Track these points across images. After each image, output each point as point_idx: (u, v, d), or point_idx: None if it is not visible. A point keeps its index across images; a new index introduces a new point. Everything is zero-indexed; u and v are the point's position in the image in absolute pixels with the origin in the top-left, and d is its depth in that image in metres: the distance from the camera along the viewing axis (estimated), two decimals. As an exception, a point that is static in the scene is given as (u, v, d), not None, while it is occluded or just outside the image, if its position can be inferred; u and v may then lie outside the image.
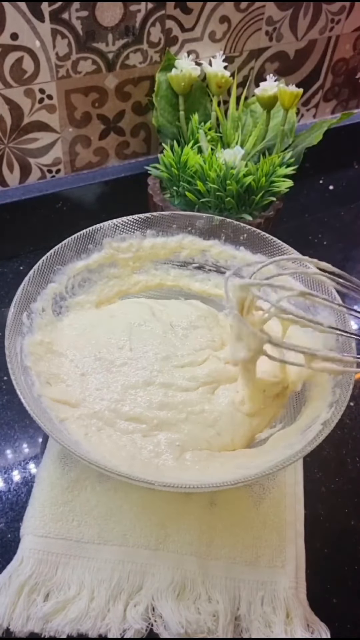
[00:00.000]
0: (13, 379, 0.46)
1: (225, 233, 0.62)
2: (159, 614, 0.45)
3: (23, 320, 0.53)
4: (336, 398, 0.48)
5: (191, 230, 0.63)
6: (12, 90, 0.64)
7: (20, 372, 0.48)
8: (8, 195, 0.71)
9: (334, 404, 0.47)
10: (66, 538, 0.48)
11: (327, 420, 0.46)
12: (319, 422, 0.47)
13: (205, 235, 0.63)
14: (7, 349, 0.48)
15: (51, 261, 0.57)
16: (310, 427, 0.47)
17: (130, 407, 0.52)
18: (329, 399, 0.49)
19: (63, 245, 0.58)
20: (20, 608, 0.44)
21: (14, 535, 0.50)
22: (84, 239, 0.60)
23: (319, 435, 0.45)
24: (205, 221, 0.62)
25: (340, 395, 0.48)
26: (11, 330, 0.51)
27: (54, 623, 0.44)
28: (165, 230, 0.63)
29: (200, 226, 0.62)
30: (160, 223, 0.62)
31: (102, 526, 0.49)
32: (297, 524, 0.50)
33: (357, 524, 0.52)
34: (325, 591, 0.48)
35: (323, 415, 0.47)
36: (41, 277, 0.56)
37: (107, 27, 0.64)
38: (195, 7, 0.68)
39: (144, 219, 0.62)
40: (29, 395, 0.46)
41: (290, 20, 0.75)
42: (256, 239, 0.60)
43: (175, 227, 0.63)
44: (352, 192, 0.91)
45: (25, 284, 0.54)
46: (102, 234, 0.60)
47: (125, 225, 0.61)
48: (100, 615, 0.44)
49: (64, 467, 0.52)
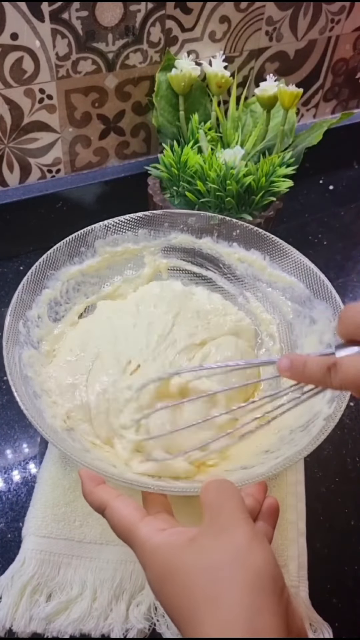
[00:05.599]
0: (14, 390, 0.45)
1: (218, 230, 0.61)
2: (161, 614, 0.45)
3: (19, 329, 0.51)
4: (337, 393, 0.48)
5: (184, 228, 0.62)
6: (12, 90, 0.64)
7: (20, 382, 0.46)
8: (8, 195, 0.71)
9: (335, 399, 0.47)
10: (68, 538, 0.48)
11: (329, 415, 0.46)
12: (321, 418, 0.46)
13: (198, 233, 0.62)
14: (5, 359, 0.47)
15: (44, 266, 0.56)
16: (314, 423, 0.47)
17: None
18: (328, 395, 0.48)
19: (55, 249, 0.57)
20: (23, 608, 0.44)
21: (14, 535, 0.50)
22: (76, 241, 0.58)
23: (323, 431, 0.45)
24: (198, 219, 0.61)
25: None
26: (8, 341, 0.49)
27: (56, 623, 0.44)
28: (157, 229, 0.62)
29: (193, 224, 0.62)
30: (152, 222, 0.62)
31: (104, 526, 0.48)
32: (299, 523, 0.50)
33: (357, 524, 0.53)
34: (325, 591, 0.48)
35: (324, 411, 0.47)
36: (35, 283, 0.55)
37: (107, 27, 0.64)
38: (195, 7, 0.68)
39: (135, 218, 0.61)
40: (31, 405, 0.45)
41: (290, 20, 0.75)
42: (250, 234, 0.60)
43: (168, 225, 0.62)
44: (352, 192, 0.91)
45: (19, 292, 0.53)
46: (93, 236, 0.59)
47: (116, 226, 0.61)
48: (103, 615, 0.44)
49: (65, 468, 0.52)
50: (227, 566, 0.30)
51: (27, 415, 0.43)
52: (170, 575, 0.31)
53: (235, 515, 0.33)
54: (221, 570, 0.30)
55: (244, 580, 0.30)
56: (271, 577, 0.30)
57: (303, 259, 0.57)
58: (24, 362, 0.49)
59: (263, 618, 0.29)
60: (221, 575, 0.30)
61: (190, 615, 0.30)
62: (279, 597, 0.30)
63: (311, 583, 0.47)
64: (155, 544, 0.33)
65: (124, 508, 0.36)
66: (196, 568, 0.31)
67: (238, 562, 0.31)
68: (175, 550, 0.32)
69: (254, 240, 0.60)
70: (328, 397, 0.48)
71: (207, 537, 0.32)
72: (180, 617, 0.30)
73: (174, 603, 0.31)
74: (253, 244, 0.60)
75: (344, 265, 0.79)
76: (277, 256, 0.59)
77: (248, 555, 0.31)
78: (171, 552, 0.32)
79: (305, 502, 0.52)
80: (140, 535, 0.34)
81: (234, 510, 0.33)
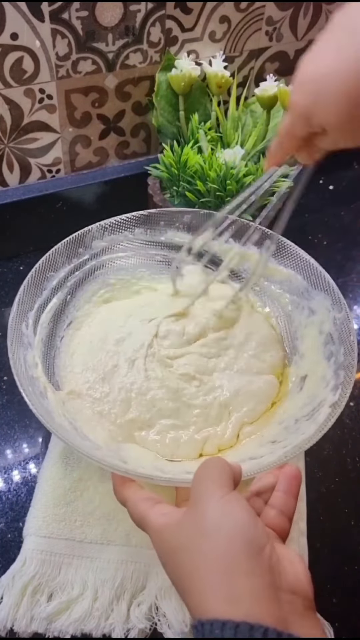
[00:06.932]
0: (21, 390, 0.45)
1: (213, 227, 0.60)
2: (162, 613, 0.45)
3: (23, 330, 0.51)
4: (341, 380, 0.48)
5: (179, 226, 0.62)
6: (12, 90, 0.63)
7: (27, 382, 0.47)
8: (8, 195, 0.71)
9: (340, 386, 0.47)
10: (69, 538, 0.48)
11: (335, 402, 0.46)
12: (326, 406, 0.47)
13: (192, 230, 0.62)
14: (11, 361, 0.47)
15: (44, 268, 0.56)
16: (318, 412, 0.47)
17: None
18: (331, 383, 0.49)
19: (54, 251, 0.57)
20: (24, 608, 0.44)
21: (14, 535, 0.50)
22: (73, 243, 0.58)
23: (330, 417, 0.45)
24: (193, 216, 0.61)
25: (345, 377, 0.48)
26: (13, 342, 0.49)
27: (57, 623, 0.44)
28: (153, 227, 0.62)
29: (188, 221, 0.61)
30: (148, 221, 0.61)
31: (105, 526, 0.49)
32: (299, 522, 0.50)
33: (357, 524, 0.53)
34: (325, 591, 0.48)
35: (329, 398, 0.47)
36: (35, 286, 0.55)
37: (107, 27, 0.64)
38: (195, 7, 0.68)
39: (132, 218, 0.61)
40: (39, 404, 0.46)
41: (290, 20, 0.75)
42: (244, 230, 0.59)
43: (163, 224, 0.62)
44: (352, 192, 0.91)
45: (20, 295, 0.52)
46: (91, 237, 0.59)
47: (113, 226, 0.60)
48: (104, 615, 0.44)
49: (66, 468, 0.52)
50: (200, 540, 0.33)
51: (37, 415, 0.43)
52: (168, 555, 0.35)
53: (206, 489, 0.35)
54: (196, 545, 0.33)
55: (216, 550, 0.32)
56: (243, 541, 0.32)
57: (299, 251, 0.57)
58: (28, 363, 0.50)
59: (238, 580, 0.31)
60: (197, 549, 0.33)
61: (182, 587, 0.33)
62: (256, 557, 0.32)
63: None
64: (159, 526, 0.36)
65: (139, 499, 0.39)
66: (180, 546, 0.34)
67: (209, 534, 0.33)
68: (169, 530, 0.35)
69: (250, 235, 0.59)
70: (332, 385, 0.48)
71: (187, 515, 0.35)
72: (178, 590, 0.34)
73: (173, 579, 0.34)
74: (249, 239, 0.60)
75: (344, 265, 0.79)
76: (274, 252, 0.58)
77: (217, 525, 0.33)
78: (167, 532, 0.35)
79: (306, 502, 0.52)
80: (150, 520, 0.37)
81: (207, 485, 0.36)
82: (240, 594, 0.30)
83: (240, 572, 0.31)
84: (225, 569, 0.31)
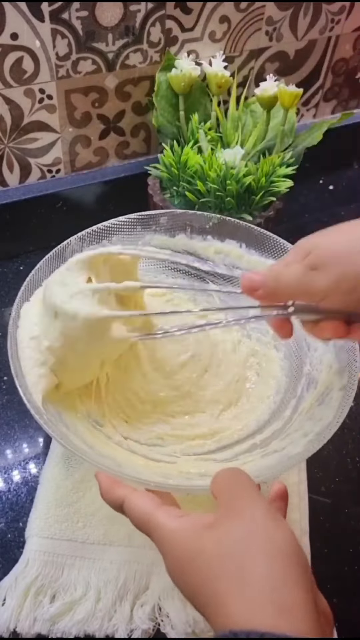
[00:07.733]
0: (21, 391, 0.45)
1: (191, 226, 0.60)
2: (165, 614, 0.45)
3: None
4: (345, 363, 0.48)
5: (156, 229, 0.60)
6: (12, 90, 0.63)
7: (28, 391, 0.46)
8: (8, 195, 0.71)
9: (346, 369, 0.47)
10: (71, 539, 0.48)
11: (345, 385, 0.46)
12: (336, 390, 0.46)
13: (170, 231, 0.60)
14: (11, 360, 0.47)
15: (44, 269, 0.54)
16: (329, 396, 0.47)
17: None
18: (335, 366, 0.48)
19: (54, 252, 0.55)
20: (27, 610, 0.44)
21: (14, 535, 0.50)
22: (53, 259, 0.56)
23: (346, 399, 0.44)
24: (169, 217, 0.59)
25: (349, 358, 0.47)
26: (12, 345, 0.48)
27: (60, 624, 0.44)
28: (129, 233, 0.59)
29: (165, 223, 0.60)
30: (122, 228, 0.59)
31: (108, 527, 0.49)
32: (302, 522, 0.50)
33: (357, 524, 0.53)
34: (325, 591, 0.48)
35: (336, 382, 0.47)
36: (36, 286, 0.53)
37: (107, 27, 0.64)
38: (195, 7, 0.68)
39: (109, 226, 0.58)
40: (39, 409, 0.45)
41: (290, 20, 0.75)
42: (225, 225, 0.59)
43: (140, 228, 0.59)
44: (352, 192, 0.91)
45: (20, 295, 0.52)
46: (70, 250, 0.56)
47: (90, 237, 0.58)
48: (107, 616, 0.44)
49: (68, 469, 0.52)
50: (249, 545, 0.31)
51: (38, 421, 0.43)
52: (192, 561, 0.31)
53: (249, 496, 0.34)
54: (243, 550, 0.30)
55: (267, 555, 0.30)
56: (294, 552, 0.31)
57: (282, 242, 0.56)
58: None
59: (288, 588, 0.29)
60: (243, 556, 0.30)
61: (214, 599, 0.30)
62: (304, 570, 0.30)
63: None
64: (173, 529, 0.33)
65: (140, 499, 0.36)
66: (218, 552, 0.31)
67: (259, 540, 0.31)
68: (194, 535, 0.32)
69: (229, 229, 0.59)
70: (335, 369, 0.48)
71: (225, 521, 0.32)
72: (204, 603, 0.30)
73: (196, 589, 0.31)
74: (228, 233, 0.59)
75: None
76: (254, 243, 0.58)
77: (268, 532, 0.31)
78: (190, 537, 0.32)
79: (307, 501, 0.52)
80: (158, 522, 0.34)
81: (248, 492, 0.34)
82: (291, 603, 0.29)
83: (291, 581, 0.29)
84: (276, 575, 0.29)
